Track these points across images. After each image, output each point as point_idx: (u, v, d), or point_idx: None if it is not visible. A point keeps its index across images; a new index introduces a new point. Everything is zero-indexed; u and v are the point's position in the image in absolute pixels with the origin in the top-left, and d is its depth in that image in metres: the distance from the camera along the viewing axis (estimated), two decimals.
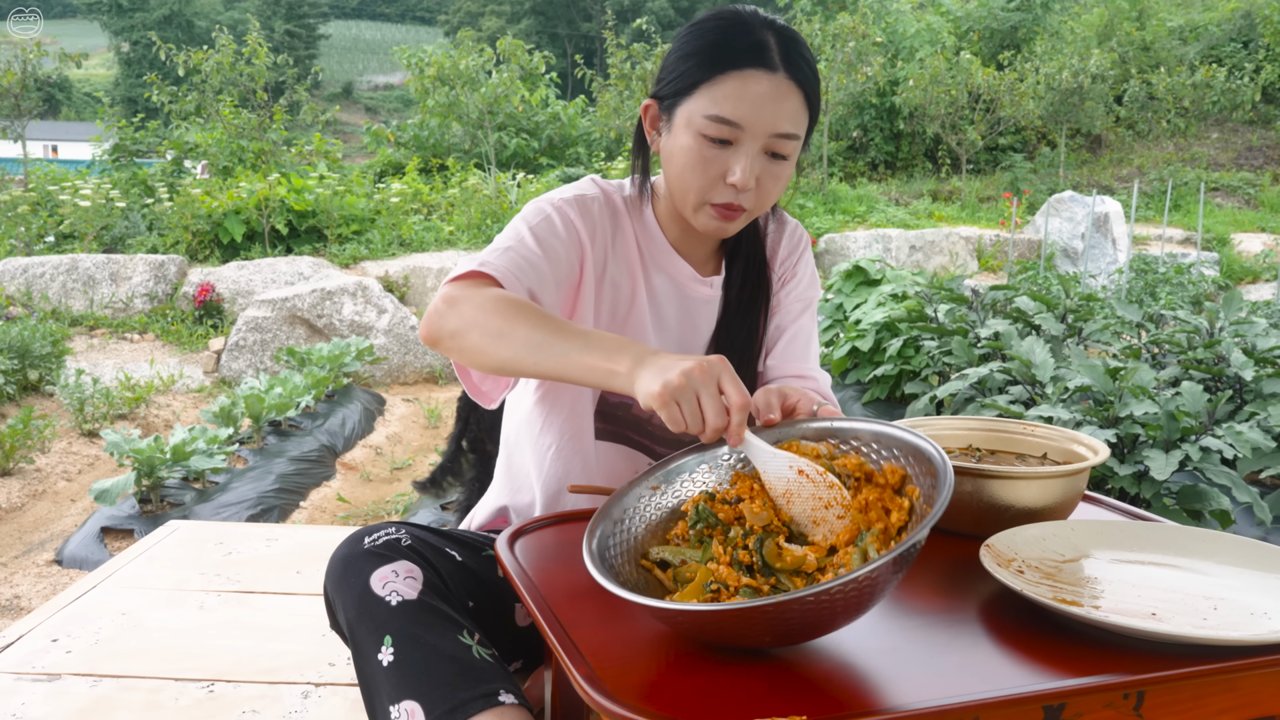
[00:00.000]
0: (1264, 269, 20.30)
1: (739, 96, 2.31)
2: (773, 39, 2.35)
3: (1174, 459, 5.81)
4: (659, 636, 1.81)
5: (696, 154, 2.37)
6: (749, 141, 2.35)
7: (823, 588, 1.56)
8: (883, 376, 9.69)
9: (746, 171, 2.36)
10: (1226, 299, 8.76)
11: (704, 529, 1.95)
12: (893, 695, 1.60)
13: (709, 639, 1.73)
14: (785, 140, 2.38)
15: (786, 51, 2.35)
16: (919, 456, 1.94)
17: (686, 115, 2.37)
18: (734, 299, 2.74)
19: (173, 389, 11.83)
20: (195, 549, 4.77)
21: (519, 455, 2.81)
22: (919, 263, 20.06)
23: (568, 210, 2.54)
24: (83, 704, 3.27)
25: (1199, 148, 30.78)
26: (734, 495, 2.01)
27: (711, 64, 2.33)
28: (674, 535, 2.00)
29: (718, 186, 2.40)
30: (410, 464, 9.28)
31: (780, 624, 1.61)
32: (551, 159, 27.68)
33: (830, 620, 1.65)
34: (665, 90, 2.44)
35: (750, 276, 2.75)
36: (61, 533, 7.10)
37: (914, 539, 1.65)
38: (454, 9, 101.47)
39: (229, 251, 17.11)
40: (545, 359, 2.11)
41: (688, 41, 2.41)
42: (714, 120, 2.33)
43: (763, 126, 2.34)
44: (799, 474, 1.97)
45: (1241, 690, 1.75)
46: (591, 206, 2.58)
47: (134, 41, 79.18)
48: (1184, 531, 2.17)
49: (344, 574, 2.20)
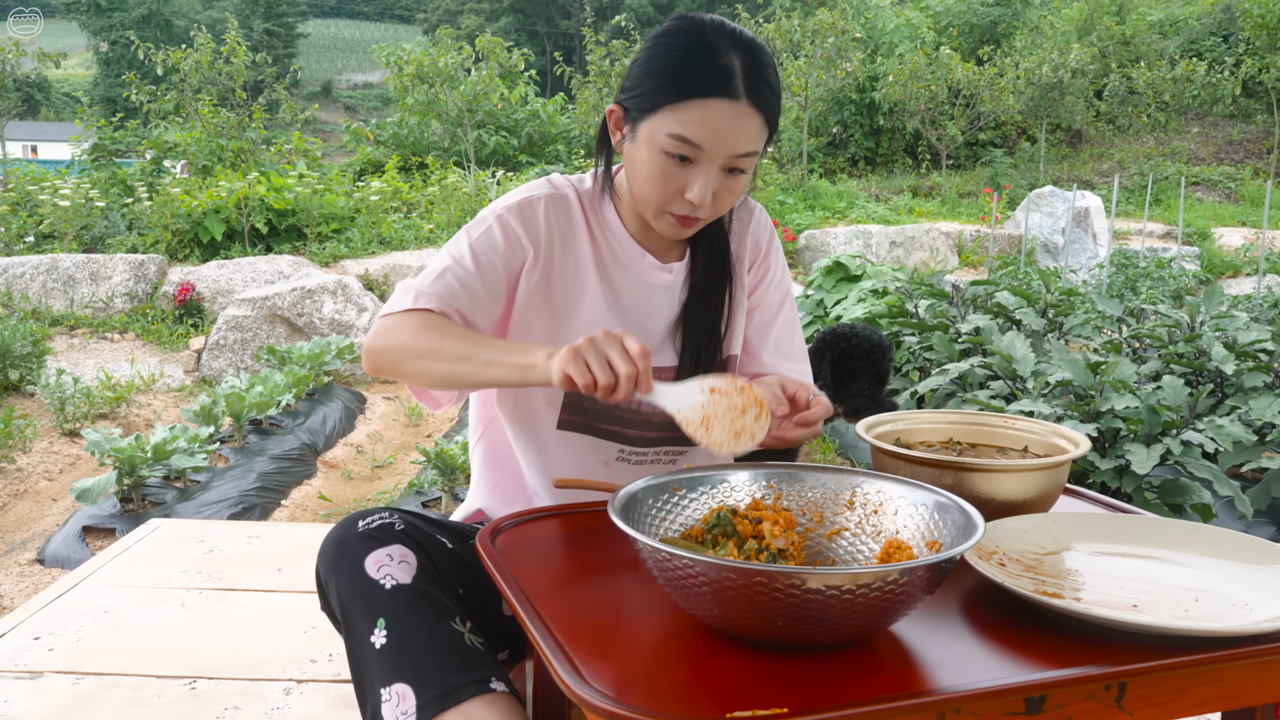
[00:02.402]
0: (1244, 263, 20.33)
1: (701, 122, 2.35)
2: (738, 62, 2.37)
3: (1155, 453, 5.82)
4: (639, 630, 1.81)
5: (658, 169, 2.42)
6: (708, 162, 2.40)
7: (856, 570, 1.58)
8: None
9: (704, 189, 2.41)
10: (1207, 293, 8.77)
11: (719, 534, 1.96)
12: (874, 688, 1.60)
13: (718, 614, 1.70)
14: (743, 158, 2.43)
15: (750, 77, 2.37)
16: (943, 507, 1.96)
17: (650, 131, 2.41)
18: (699, 282, 2.76)
19: (153, 388, 11.80)
20: (176, 547, 4.77)
21: (491, 454, 2.84)
22: (899, 258, 20.08)
23: (509, 219, 2.61)
24: (65, 701, 3.27)
25: (1179, 142, 30.87)
26: (755, 515, 2.02)
27: (677, 89, 2.36)
28: (687, 534, 2.01)
29: (676, 199, 2.46)
30: (391, 462, 9.27)
31: (800, 608, 1.61)
32: (531, 156, 27.66)
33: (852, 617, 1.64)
34: (630, 104, 2.47)
35: (715, 260, 2.78)
36: (43, 532, 7.08)
37: (950, 554, 1.66)
38: (433, 7, 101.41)
39: (209, 251, 17.06)
40: (474, 370, 2.31)
41: (654, 57, 2.44)
42: (676, 139, 2.37)
43: (723, 149, 2.38)
44: (711, 392, 2.04)
45: (1223, 681, 1.75)
46: (536, 208, 2.64)
47: (112, 41, 79.13)
48: (1165, 524, 2.18)
49: (338, 556, 2.22)
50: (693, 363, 2.72)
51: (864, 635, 1.72)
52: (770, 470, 2.17)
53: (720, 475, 2.15)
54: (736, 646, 1.73)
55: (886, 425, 2.63)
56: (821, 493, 2.13)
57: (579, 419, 2.69)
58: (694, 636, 1.77)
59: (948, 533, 1.89)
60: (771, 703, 1.50)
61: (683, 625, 1.82)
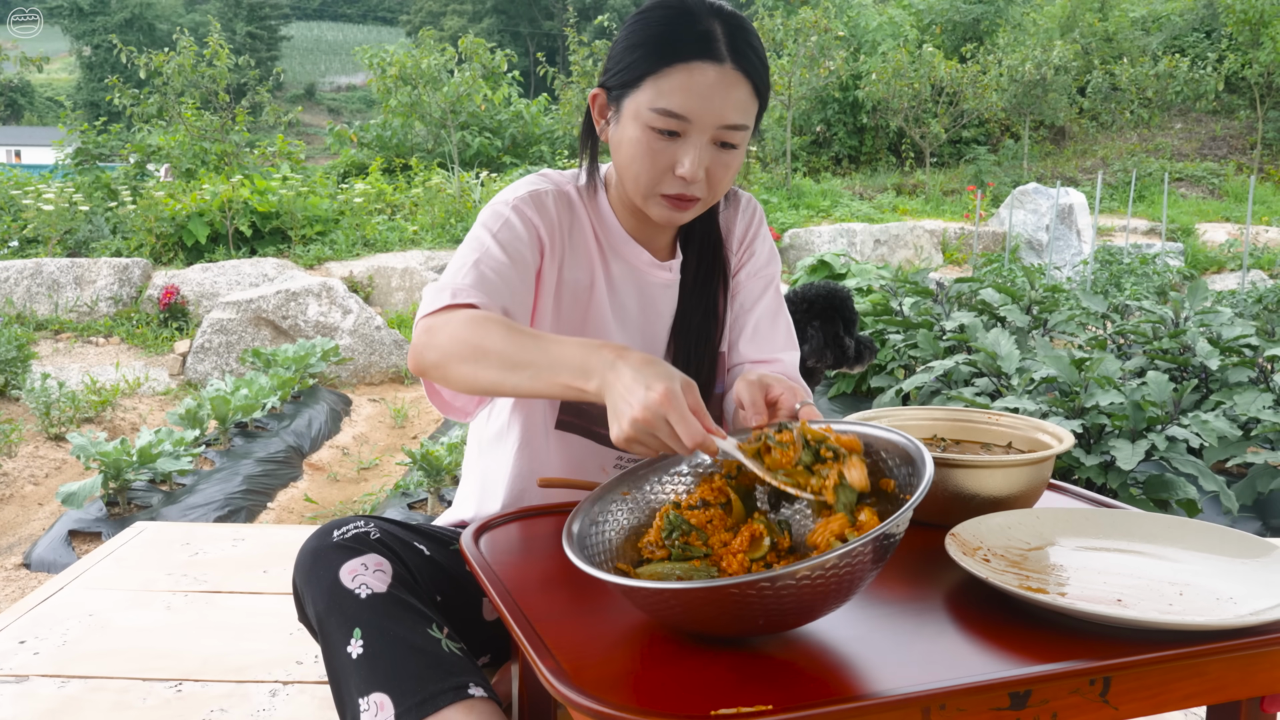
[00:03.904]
0: (1228, 258, 20.39)
1: (686, 89, 2.30)
2: (719, 28, 2.33)
3: (1140, 449, 5.83)
4: (625, 630, 1.81)
5: (645, 146, 2.36)
6: (697, 134, 2.34)
7: (793, 568, 1.57)
8: (849, 372, 9.70)
9: (695, 163, 2.35)
10: (1191, 289, 8.80)
11: (679, 537, 1.94)
12: (859, 684, 1.60)
13: (683, 622, 1.72)
14: (734, 131, 2.36)
15: (733, 40, 2.33)
16: (893, 448, 1.96)
17: (634, 108, 2.36)
18: (690, 281, 2.73)
19: (139, 392, 11.78)
20: (162, 550, 4.76)
21: (486, 454, 2.81)
22: (884, 257, 20.10)
23: (525, 209, 2.53)
24: (51, 704, 3.26)
25: (1163, 138, 30.96)
26: (698, 499, 2.01)
27: (658, 56, 2.32)
28: (645, 543, 1.99)
29: (666, 178, 2.39)
30: (377, 464, 9.26)
31: (751, 606, 1.60)
32: (515, 157, 27.66)
33: (806, 606, 1.65)
34: (612, 81, 2.42)
35: (705, 257, 2.74)
36: (29, 536, 7.07)
37: (889, 525, 1.65)
38: (415, 9, 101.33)
39: (193, 254, 17.06)
40: (522, 380, 2.14)
41: (634, 32, 2.39)
42: (661, 113, 2.31)
43: (710, 118, 2.33)
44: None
45: (1208, 675, 1.75)
46: (546, 201, 2.57)
47: (95, 45, 78.90)
48: (1149, 518, 2.18)
49: (313, 566, 2.20)
50: (685, 363, 2.70)
51: (846, 599, 1.71)
52: None
53: (661, 466, 2.15)
54: (722, 645, 1.73)
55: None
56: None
57: (578, 421, 2.67)
58: (678, 636, 1.77)
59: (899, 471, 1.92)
60: (756, 700, 1.50)
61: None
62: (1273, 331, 8.85)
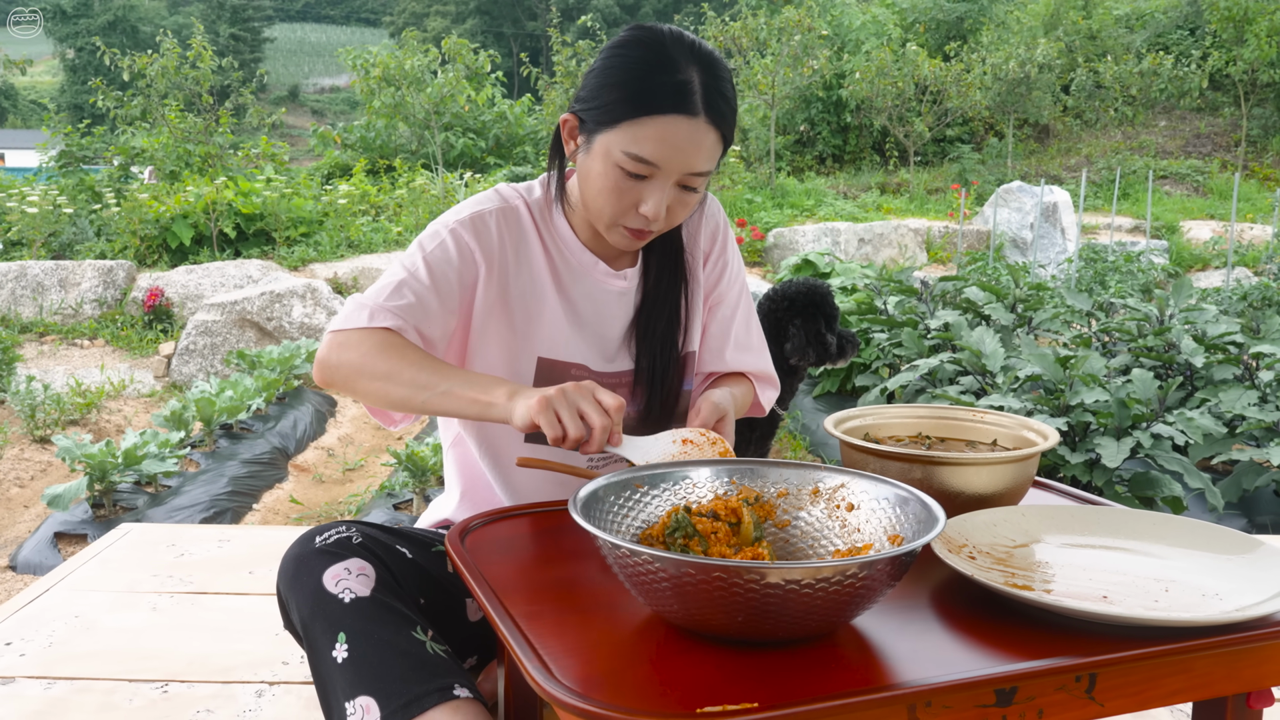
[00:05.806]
0: (1213, 256, 20.42)
1: (659, 140, 2.35)
2: (696, 76, 2.36)
3: (1125, 446, 5.84)
4: (610, 628, 1.81)
5: (613, 183, 2.41)
6: (663, 178, 2.40)
7: (790, 565, 1.58)
8: (833, 370, 9.70)
9: (658, 205, 2.41)
10: (1176, 286, 8.81)
11: (681, 538, 1.94)
12: (844, 682, 1.60)
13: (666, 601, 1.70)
14: (698, 176, 2.43)
15: (708, 93, 2.37)
16: (906, 502, 1.96)
17: (605, 146, 2.39)
18: (652, 288, 2.76)
19: (124, 394, 11.77)
20: (147, 551, 4.75)
21: (463, 462, 2.84)
22: (868, 255, 20.10)
23: (462, 233, 2.59)
24: (37, 706, 3.26)
25: (1147, 136, 30.99)
26: (710, 510, 2.01)
27: (634, 104, 2.35)
28: (646, 535, 1.99)
29: (630, 213, 2.46)
30: (362, 465, 9.26)
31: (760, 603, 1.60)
32: (499, 158, 27.62)
33: (788, 615, 1.63)
34: (586, 115, 2.45)
35: (667, 265, 2.78)
36: (15, 539, 7.06)
37: (909, 548, 1.66)
38: (399, 10, 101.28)
39: (177, 256, 17.02)
40: (431, 398, 2.35)
41: (611, 68, 2.42)
42: (633, 158, 2.36)
43: (679, 166, 2.38)
44: (683, 443, 2.05)
45: (1194, 671, 1.75)
46: (489, 222, 2.62)
47: (79, 48, 78.71)
48: (1134, 515, 2.18)
49: (297, 573, 2.21)
50: (650, 367, 2.73)
51: (826, 629, 1.72)
52: (732, 466, 2.16)
53: (682, 472, 2.14)
54: (707, 642, 1.73)
55: (855, 420, 2.63)
56: (784, 488, 2.13)
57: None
58: (665, 633, 1.77)
59: (909, 526, 1.89)
60: (742, 698, 1.50)
61: (654, 622, 1.82)
62: (1257, 328, 8.86)
